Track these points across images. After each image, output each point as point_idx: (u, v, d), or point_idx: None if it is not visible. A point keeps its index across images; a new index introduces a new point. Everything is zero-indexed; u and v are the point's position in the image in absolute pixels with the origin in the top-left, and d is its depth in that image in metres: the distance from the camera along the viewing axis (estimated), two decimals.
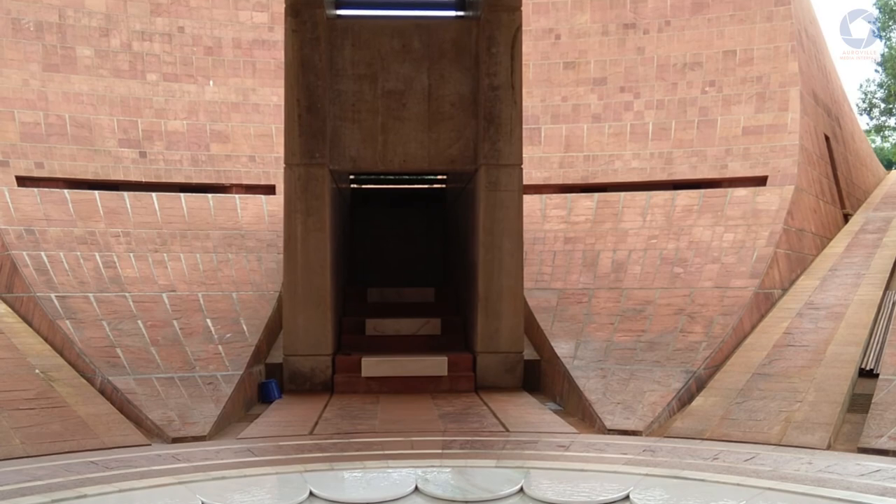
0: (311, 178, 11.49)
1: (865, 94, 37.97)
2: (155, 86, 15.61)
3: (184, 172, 15.20)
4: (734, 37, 15.72)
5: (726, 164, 14.94)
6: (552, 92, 16.47)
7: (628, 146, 15.78)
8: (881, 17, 36.06)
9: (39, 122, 14.43)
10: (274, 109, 15.85)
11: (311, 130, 11.50)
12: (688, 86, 15.82)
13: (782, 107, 14.99)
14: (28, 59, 14.72)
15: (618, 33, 16.49)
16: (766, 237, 13.00)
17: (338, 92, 11.81)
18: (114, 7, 15.61)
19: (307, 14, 11.39)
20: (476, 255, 11.75)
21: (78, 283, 11.75)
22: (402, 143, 11.94)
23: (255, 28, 16.45)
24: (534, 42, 16.51)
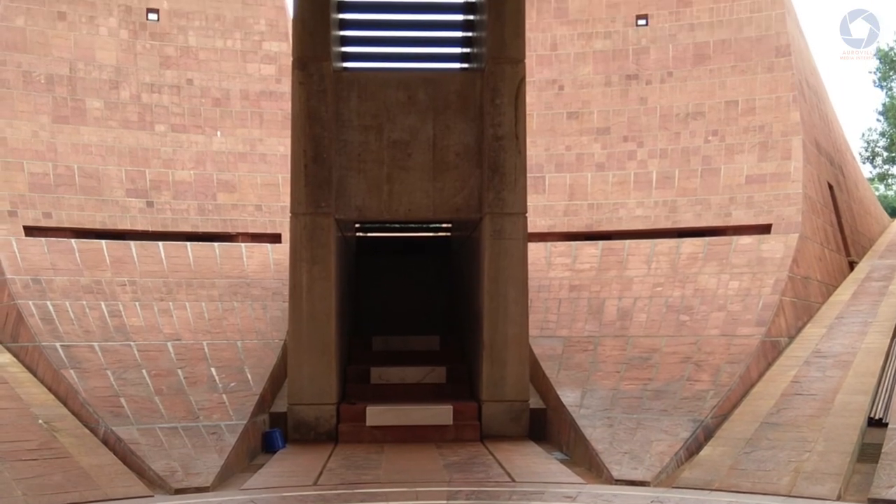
0: (316, 227, 11.54)
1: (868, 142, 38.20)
2: (163, 136, 15.80)
3: (190, 221, 15.31)
4: (736, 87, 15.90)
5: (730, 213, 14.99)
6: (556, 141, 16.62)
7: (632, 195, 15.87)
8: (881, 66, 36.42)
9: (48, 173, 14.59)
10: (281, 159, 16.00)
11: (318, 180, 11.59)
12: (691, 135, 15.95)
13: (785, 156, 15.09)
14: (38, 111, 14.93)
15: (620, 84, 16.69)
16: (772, 285, 12.98)
17: (344, 142, 11.92)
18: (124, 60, 15.88)
19: (314, 67, 11.56)
20: (481, 303, 11.75)
21: (83, 332, 11.77)
22: (408, 192, 12.02)
23: (262, 80, 16.69)
24: (537, 92, 16.70)
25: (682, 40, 16.47)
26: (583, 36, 17.07)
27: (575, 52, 17.06)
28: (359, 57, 13.61)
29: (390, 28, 13.46)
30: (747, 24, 16.12)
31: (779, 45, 15.83)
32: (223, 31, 16.65)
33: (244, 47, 16.72)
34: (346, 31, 13.19)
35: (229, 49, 16.63)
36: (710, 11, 16.39)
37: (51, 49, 15.29)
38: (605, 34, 16.98)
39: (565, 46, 17.13)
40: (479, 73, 12.15)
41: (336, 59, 12.29)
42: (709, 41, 16.30)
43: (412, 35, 13.43)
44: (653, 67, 16.56)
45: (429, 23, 13.34)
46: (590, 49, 17.00)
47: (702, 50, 16.31)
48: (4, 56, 14.91)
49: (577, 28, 17.13)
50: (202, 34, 16.49)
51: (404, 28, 13.32)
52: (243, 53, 16.71)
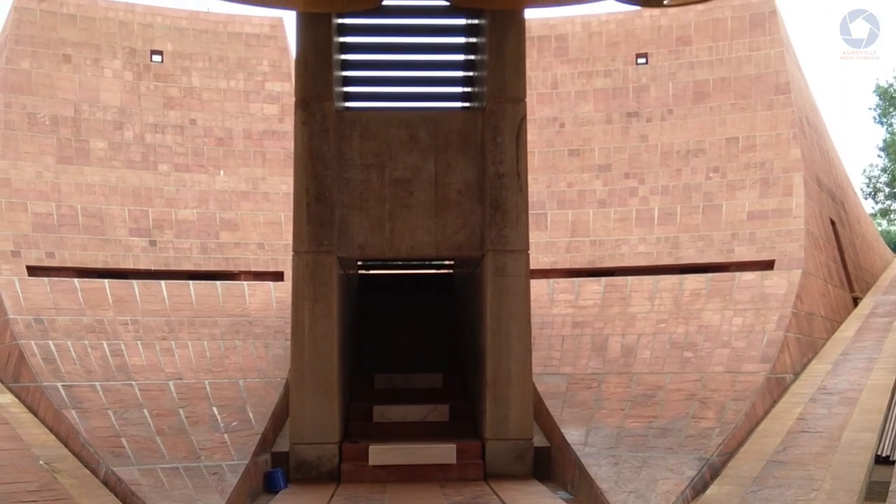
0: (318, 265, 11.54)
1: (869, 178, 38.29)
2: (166, 176, 15.89)
3: (193, 260, 15.33)
4: (736, 124, 15.99)
5: (733, 249, 15.00)
6: (557, 178, 16.68)
7: (634, 231, 15.89)
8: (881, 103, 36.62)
9: (52, 213, 14.65)
10: (283, 197, 16.07)
11: (320, 219, 11.61)
12: (692, 172, 16.01)
13: (786, 192, 15.12)
14: (42, 152, 15.04)
15: (621, 122, 16.79)
16: (776, 321, 12.94)
17: (346, 181, 11.97)
18: (128, 101, 16.02)
19: (316, 107, 11.64)
20: (484, 340, 11.71)
21: (85, 371, 11.73)
22: (410, 229, 12.03)
23: (265, 119, 16.82)
24: (539, 130, 16.81)
25: (682, 78, 16.60)
26: (583, 74, 17.21)
27: (575, 90, 17.19)
28: (361, 97, 13.72)
29: (392, 68, 13.58)
30: (746, 62, 16.26)
31: (778, 83, 15.95)
32: (226, 72, 16.82)
33: (247, 87, 16.88)
34: (348, 71, 13.30)
35: (232, 89, 16.79)
36: (709, 50, 16.54)
37: (56, 91, 15.44)
38: (605, 73, 17.13)
39: (566, 85, 17.27)
40: (481, 111, 12.23)
41: (338, 98, 12.39)
42: (708, 79, 16.43)
43: (414, 75, 13.55)
44: (653, 105, 16.67)
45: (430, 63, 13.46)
46: (590, 87, 17.14)
47: (702, 88, 16.43)
48: (10, 98, 15.05)
49: (577, 67, 17.28)
50: (205, 75, 16.66)
51: (406, 68, 13.44)
52: (246, 93, 16.86)
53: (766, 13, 16.32)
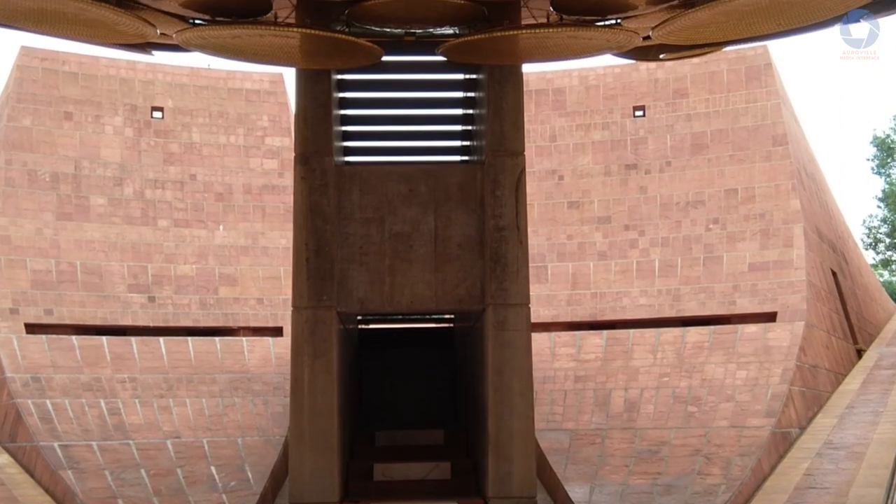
0: (318, 320, 11.45)
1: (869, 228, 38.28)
2: (166, 232, 15.88)
3: (192, 316, 15.24)
4: (735, 176, 16.03)
5: (734, 301, 14.92)
6: (557, 230, 16.68)
7: (635, 283, 15.83)
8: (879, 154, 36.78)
9: (51, 270, 14.60)
10: (282, 252, 16.03)
11: (319, 273, 11.56)
12: (691, 223, 16.01)
13: (787, 243, 15.09)
14: (42, 209, 15.05)
15: (620, 173, 16.84)
16: (780, 374, 12.81)
17: (346, 235, 11.94)
18: (128, 158, 16.08)
19: (316, 162, 11.66)
20: (485, 395, 11.56)
21: (82, 431, 11.57)
22: (410, 283, 11.97)
23: (265, 174, 16.87)
24: (538, 182, 16.85)
25: (680, 130, 16.70)
26: (581, 127, 17.32)
27: (574, 142, 17.28)
28: (360, 151, 13.77)
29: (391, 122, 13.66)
30: (743, 114, 16.36)
31: (775, 135, 16.03)
32: (226, 127, 16.92)
33: (247, 142, 16.97)
34: (348, 126, 13.38)
35: (232, 144, 16.87)
36: (706, 102, 16.66)
37: (56, 148, 15.51)
38: (603, 125, 17.24)
39: (564, 137, 17.36)
40: (480, 165, 12.26)
41: (338, 153, 12.43)
42: (706, 131, 16.52)
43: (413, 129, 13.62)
44: (651, 157, 16.74)
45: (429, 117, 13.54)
46: (588, 140, 17.23)
47: (699, 139, 16.51)
48: (10, 155, 15.12)
49: (575, 119, 17.39)
50: (206, 130, 16.76)
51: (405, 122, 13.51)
52: (246, 148, 16.94)
53: (762, 66, 16.47)
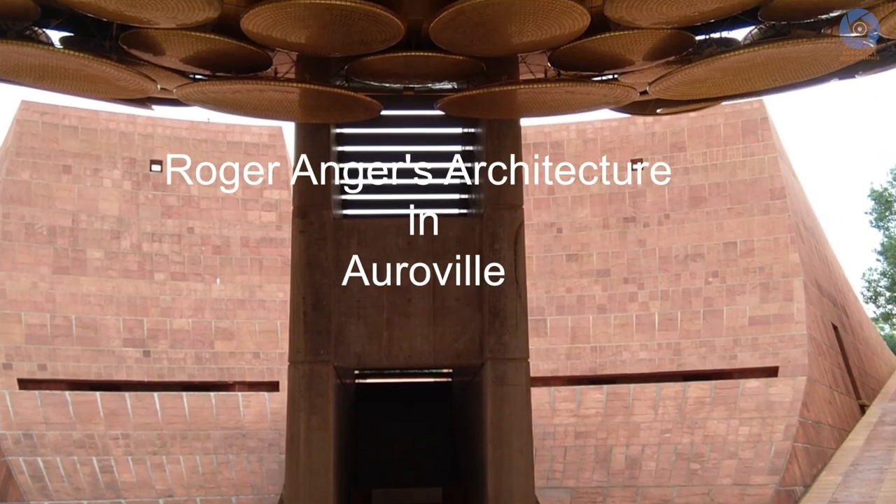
0: (315, 375, 11.29)
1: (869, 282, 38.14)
2: (162, 285, 15.78)
3: (187, 371, 15.06)
4: (733, 229, 16.00)
5: (735, 355, 14.77)
6: (556, 283, 16.59)
7: (635, 337, 15.70)
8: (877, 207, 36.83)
9: (45, 324, 14.47)
10: (280, 305, 15.92)
11: (317, 327, 11.43)
12: (691, 277, 15.93)
13: (787, 297, 15.01)
14: (39, 263, 14.97)
15: (618, 226, 16.82)
16: (783, 431, 12.61)
17: (343, 289, 11.85)
18: (126, 210, 16.06)
19: (314, 215, 11.62)
20: (484, 452, 11.35)
21: (73, 489, 11.33)
22: (408, 338, 11.83)
23: (263, 227, 16.83)
24: (536, 235, 16.81)
25: (678, 183, 16.72)
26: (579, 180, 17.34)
27: (572, 195, 17.29)
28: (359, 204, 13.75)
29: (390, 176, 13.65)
30: (741, 167, 16.41)
31: (773, 188, 16.05)
32: None
33: (245, 195, 16.96)
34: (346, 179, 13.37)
35: (231, 197, 16.86)
36: (703, 156, 16.72)
37: (54, 201, 15.49)
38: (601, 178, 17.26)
39: (562, 190, 17.38)
40: (478, 217, 12.22)
41: (336, 206, 12.40)
42: (704, 184, 16.55)
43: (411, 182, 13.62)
44: (650, 210, 16.73)
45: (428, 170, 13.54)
46: (587, 192, 17.25)
47: (697, 193, 16.52)
48: (8, 209, 15.09)
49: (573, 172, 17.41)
50: None
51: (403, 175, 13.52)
52: (244, 201, 16.93)
53: (758, 120, 16.56)
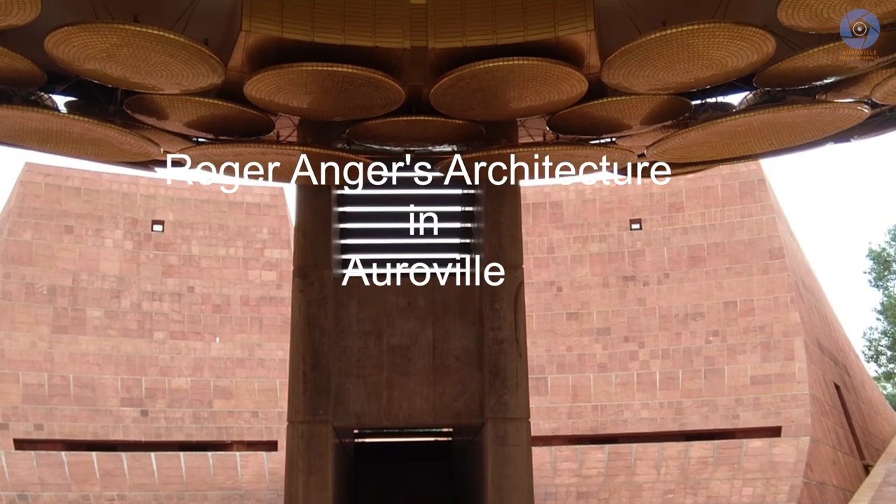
0: (314, 435, 11.21)
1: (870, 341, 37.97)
2: (161, 344, 15.75)
3: (185, 430, 14.94)
4: (733, 288, 16.04)
5: (738, 415, 14.68)
6: (556, 342, 16.56)
7: (636, 396, 15.61)
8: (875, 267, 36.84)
9: (43, 384, 14.40)
10: (279, 364, 15.87)
11: (316, 387, 11.38)
12: (691, 335, 15.91)
13: (788, 356, 14.97)
14: (38, 322, 14.97)
15: (618, 285, 16.85)
16: (787, 492, 12.48)
17: (343, 348, 11.82)
18: (127, 270, 16.11)
19: (314, 275, 11.65)
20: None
21: None
22: (407, 397, 11.77)
23: (263, 286, 16.86)
24: (536, 294, 16.83)
25: (677, 243, 16.80)
26: (578, 239, 17.44)
27: (572, 254, 17.36)
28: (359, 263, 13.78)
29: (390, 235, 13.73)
30: (739, 227, 16.50)
31: (772, 248, 16.12)
32: (226, 240, 17.01)
33: (246, 255, 17.03)
34: (347, 239, 13.45)
35: (231, 257, 16.93)
36: (701, 216, 16.83)
37: (55, 261, 15.55)
38: (600, 237, 17.36)
39: (562, 249, 17.46)
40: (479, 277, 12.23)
41: (336, 266, 12.44)
42: (703, 244, 16.63)
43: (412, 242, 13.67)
44: (649, 269, 16.78)
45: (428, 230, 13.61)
46: (586, 252, 17.32)
47: (696, 252, 16.60)
48: (9, 269, 15.13)
49: (572, 232, 17.52)
50: (205, 243, 16.84)
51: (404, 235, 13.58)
52: (245, 260, 16.99)
53: (755, 181, 16.72)
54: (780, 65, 8.18)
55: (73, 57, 7.58)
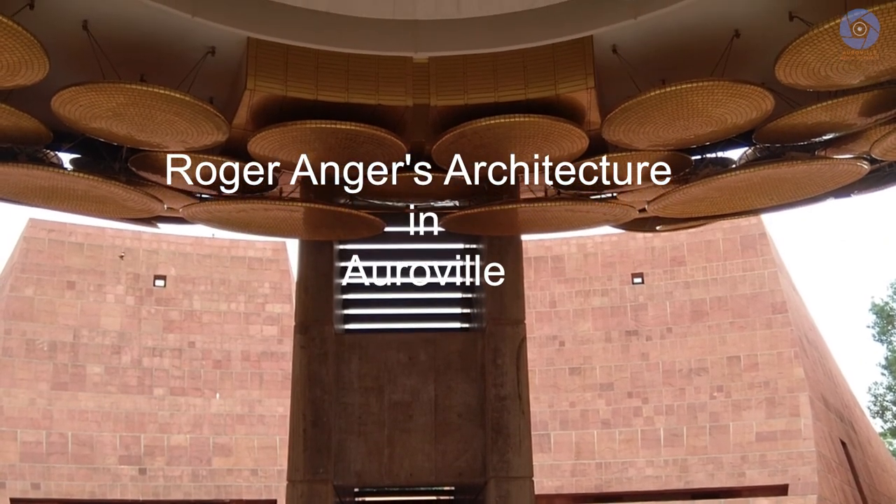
0: (314, 495, 11.02)
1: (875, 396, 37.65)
2: (161, 400, 15.64)
3: (183, 489, 14.76)
4: (736, 343, 15.97)
5: (744, 472, 14.51)
6: (559, 397, 16.43)
7: (641, 453, 15.44)
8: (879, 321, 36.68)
9: (41, 441, 14.27)
10: (279, 420, 15.74)
11: (316, 445, 11.24)
12: (695, 391, 15.79)
13: (793, 412, 14.84)
14: (38, 378, 14.89)
15: (621, 340, 16.79)
16: None
17: (344, 405, 11.70)
18: (128, 325, 16.07)
19: (316, 331, 11.58)
20: None
21: None
22: (409, 455, 11.61)
23: (264, 341, 16.80)
24: (538, 348, 16.75)
25: (679, 297, 16.78)
26: (580, 293, 17.42)
27: (574, 308, 17.33)
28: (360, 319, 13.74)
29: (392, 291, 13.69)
30: (741, 281, 16.50)
31: (774, 302, 16.09)
32: (227, 295, 17.01)
33: (247, 309, 17.00)
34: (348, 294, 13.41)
35: (233, 311, 16.90)
36: (703, 270, 16.83)
37: (57, 317, 15.52)
38: (602, 291, 17.34)
39: (564, 303, 17.43)
40: (480, 333, 12.18)
41: (338, 321, 12.39)
42: (705, 298, 16.60)
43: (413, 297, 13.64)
44: (652, 323, 16.73)
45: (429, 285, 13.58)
46: (588, 306, 17.29)
47: (699, 306, 16.56)
48: (10, 325, 15.10)
49: (574, 286, 17.51)
50: (207, 298, 16.83)
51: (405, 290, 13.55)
52: (246, 315, 16.96)
53: (756, 235, 16.75)
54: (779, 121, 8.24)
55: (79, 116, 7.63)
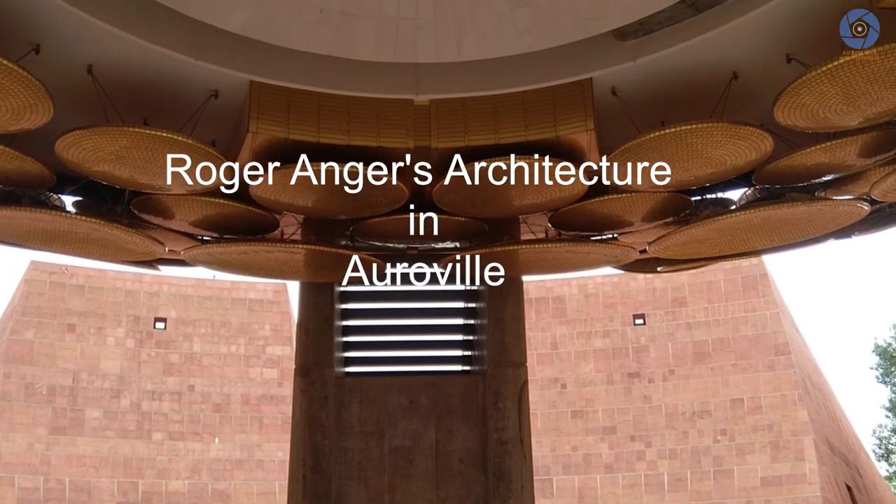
0: None
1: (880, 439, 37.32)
2: (160, 445, 15.49)
3: None
4: (739, 385, 15.87)
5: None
6: (561, 441, 16.28)
7: (644, 498, 15.25)
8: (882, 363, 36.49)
9: (38, 488, 14.11)
10: (279, 465, 15.58)
11: (316, 492, 11.09)
12: (699, 434, 15.65)
13: (798, 456, 14.69)
14: (36, 423, 14.77)
15: (623, 382, 16.68)
16: None
17: (344, 450, 11.59)
18: (127, 368, 15.99)
19: (316, 374, 11.52)
20: None
21: None
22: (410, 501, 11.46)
23: (264, 384, 16.70)
24: (540, 391, 16.64)
25: (681, 339, 16.71)
26: (582, 335, 17.35)
27: (575, 350, 17.25)
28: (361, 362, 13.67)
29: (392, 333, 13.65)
30: (743, 322, 16.44)
31: (777, 344, 16.02)
32: (228, 337, 16.95)
33: (248, 352, 16.93)
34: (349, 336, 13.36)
35: (233, 354, 16.83)
36: (705, 311, 16.78)
37: (56, 360, 15.46)
38: (603, 333, 17.28)
39: (565, 345, 17.36)
40: (481, 376, 12.10)
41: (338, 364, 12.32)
42: (707, 339, 16.53)
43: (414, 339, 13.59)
44: (654, 365, 16.64)
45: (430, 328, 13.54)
46: (590, 347, 17.21)
47: (701, 348, 16.48)
48: (9, 369, 15.03)
49: (575, 327, 17.45)
50: (207, 340, 16.77)
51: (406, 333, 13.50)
52: (246, 358, 16.88)
53: (758, 276, 16.73)
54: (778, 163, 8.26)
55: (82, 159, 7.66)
